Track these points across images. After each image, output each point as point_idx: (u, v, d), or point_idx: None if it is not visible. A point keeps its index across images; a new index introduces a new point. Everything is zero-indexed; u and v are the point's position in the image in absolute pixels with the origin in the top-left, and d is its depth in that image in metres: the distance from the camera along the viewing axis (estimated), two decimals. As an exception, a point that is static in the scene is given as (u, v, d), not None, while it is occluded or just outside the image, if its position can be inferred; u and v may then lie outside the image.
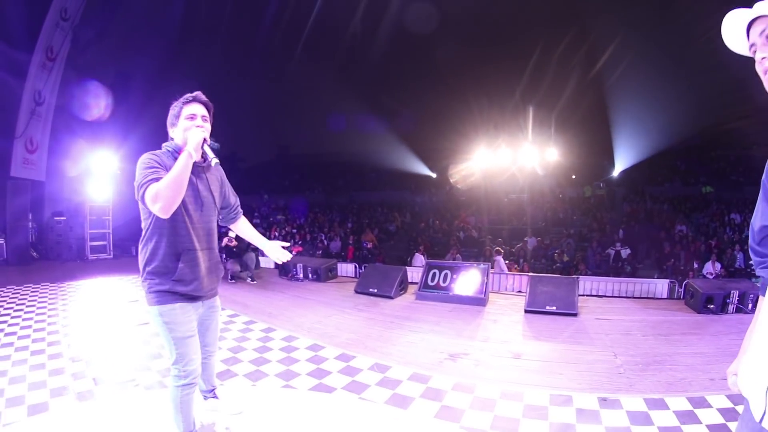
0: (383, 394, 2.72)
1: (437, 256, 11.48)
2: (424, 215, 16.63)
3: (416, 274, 6.61)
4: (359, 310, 4.97)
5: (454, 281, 5.47)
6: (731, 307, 4.50)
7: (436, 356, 3.42)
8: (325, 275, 6.79)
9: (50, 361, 3.15)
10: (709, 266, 9.24)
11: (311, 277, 6.82)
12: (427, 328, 4.24)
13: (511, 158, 15.60)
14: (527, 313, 4.72)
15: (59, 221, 9.37)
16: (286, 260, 2.14)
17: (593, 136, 16.84)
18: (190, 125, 1.79)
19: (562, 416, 2.40)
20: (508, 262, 10.40)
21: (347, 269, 8.89)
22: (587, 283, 7.60)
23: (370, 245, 13.51)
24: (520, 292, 6.63)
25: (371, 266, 6.96)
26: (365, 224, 15.56)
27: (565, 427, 2.29)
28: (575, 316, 4.53)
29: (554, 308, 4.64)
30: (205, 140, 1.78)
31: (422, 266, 6.52)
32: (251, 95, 20.93)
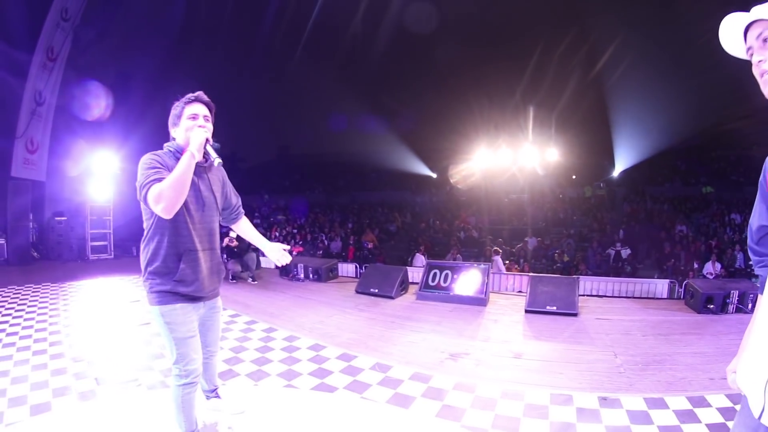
0: (385, 393, 2.73)
1: (438, 256, 11.48)
2: (424, 215, 16.62)
3: (417, 274, 6.61)
4: (360, 310, 4.98)
5: (454, 281, 5.47)
6: (731, 307, 4.50)
7: (437, 356, 3.43)
8: (326, 275, 6.79)
9: (52, 361, 3.16)
10: (709, 266, 9.24)
11: (312, 277, 6.83)
12: (428, 328, 4.24)
13: (511, 158, 15.63)
14: (528, 313, 4.72)
15: (60, 221, 9.38)
16: (286, 263, 2.11)
17: (593, 136, 16.82)
18: (192, 125, 1.79)
19: (562, 415, 2.41)
20: (508, 262, 10.41)
21: (348, 269, 8.91)
22: (587, 283, 7.60)
23: (370, 245, 13.50)
24: (520, 292, 6.63)
25: (372, 266, 6.97)
26: (366, 224, 15.55)
27: (565, 426, 2.30)
28: (575, 316, 4.53)
29: (555, 308, 4.64)
30: (207, 140, 1.78)
31: (423, 266, 6.52)
32: (252, 95, 20.94)
